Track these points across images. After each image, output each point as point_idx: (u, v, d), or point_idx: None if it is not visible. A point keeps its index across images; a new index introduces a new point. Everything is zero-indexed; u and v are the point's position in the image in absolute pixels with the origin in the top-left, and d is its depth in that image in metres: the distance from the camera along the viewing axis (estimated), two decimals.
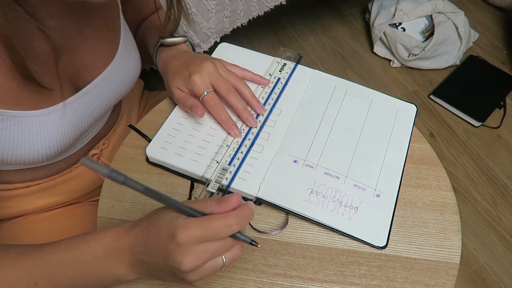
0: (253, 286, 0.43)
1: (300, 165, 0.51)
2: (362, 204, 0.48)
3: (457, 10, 1.46)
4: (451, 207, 0.50)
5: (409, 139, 0.55)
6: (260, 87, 0.58)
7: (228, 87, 0.52)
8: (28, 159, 0.47)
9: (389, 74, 1.49)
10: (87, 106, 0.52)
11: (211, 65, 0.51)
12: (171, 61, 0.55)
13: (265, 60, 0.61)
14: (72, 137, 0.51)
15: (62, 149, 0.50)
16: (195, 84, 0.50)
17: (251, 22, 1.20)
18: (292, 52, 0.62)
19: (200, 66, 0.51)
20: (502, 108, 1.38)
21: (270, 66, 0.60)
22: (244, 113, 0.53)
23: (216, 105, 0.51)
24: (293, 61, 0.61)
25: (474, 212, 1.17)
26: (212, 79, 0.51)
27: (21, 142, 0.45)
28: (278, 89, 0.58)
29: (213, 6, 1.06)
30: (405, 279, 0.44)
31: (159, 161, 0.51)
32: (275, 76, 0.59)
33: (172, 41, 0.58)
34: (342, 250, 0.46)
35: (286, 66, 0.60)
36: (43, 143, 0.47)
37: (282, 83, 0.58)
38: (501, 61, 1.53)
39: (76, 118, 0.50)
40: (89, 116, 0.53)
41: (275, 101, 0.56)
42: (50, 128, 0.47)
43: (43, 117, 0.46)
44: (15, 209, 0.59)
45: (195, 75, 0.50)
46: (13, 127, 0.44)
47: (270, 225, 0.48)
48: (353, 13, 1.69)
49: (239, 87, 0.53)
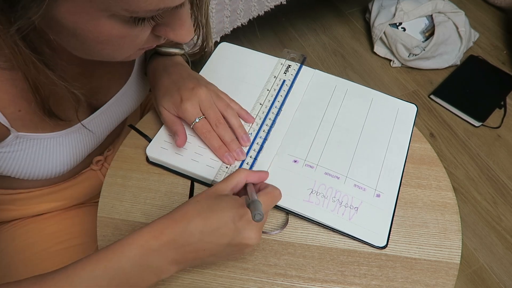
0: (253, 286, 0.43)
1: (300, 165, 0.50)
2: (362, 204, 0.48)
3: (457, 10, 1.45)
4: (451, 207, 0.50)
5: (409, 139, 0.55)
6: (266, 89, 0.57)
7: (217, 117, 0.50)
8: (42, 175, 0.49)
9: (389, 74, 1.49)
10: (100, 125, 0.53)
11: (203, 92, 0.50)
12: (162, 76, 0.53)
13: (269, 61, 0.60)
14: (85, 153, 0.52)
15: (73, 165, 0.52)
16: (186, 111, 0.49)
17: (251, 22, 1.20)
18: (296, 54, 0.61)
19: (192, 92, 0.50)
20: (502, 108, 1.38)
21: (275, 68, 0.60)
22: (232, 145, 0.50)
23: (209, 132, 0.50)
24: (297, 62, 0.61)
25: (474, 212, 1.17)
26: (203, 107, 0.50)
27: (37, 162, 0.47)
28: (284, 91, 0.57)
29: (213, 6, 1.06)
30: (405, 279, 0.44)
31: (159, 161, 0.51)
32: (280, 79, 0.58)
33: (168, 51, 0.56)
34: (342, 250, 0.46)
35: (291, 68, 0.59)
36: (59, 161, 0.48)
37: (288, 85, 0.58)
38: (501, 61, 1.53)
39: (90, 136, 0.52)
40: (102, 133, 0.55)
41: (281, 103, 0.56)
42: (66, 148, 0.48)
43: (60, 138, 0.47)
44: (17, 212, 0.59)
45: (186, 102, 0.49)
46: (31, 148, 0.45)
47: (270, 225, 0.48)
48: (353, 13, 1.69)
49: (227, 115, 0.51)
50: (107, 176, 0.51)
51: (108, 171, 0.51)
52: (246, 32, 1.49)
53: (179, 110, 0.50)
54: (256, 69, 0.58)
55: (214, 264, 0.44)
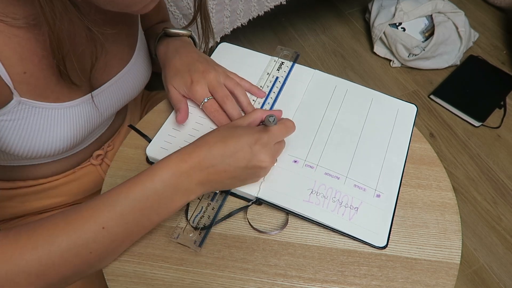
0: (253, 286, 0.43)
1: (300, 165, 0.51)
2: (362, 204, 0.48)
3: (457, 10, 1.46)
4: (451, 207, 0.50)
5: (409, 139, 0.55)
6: (259, 86, 0.58)
7: (225, 94, 0.52)
8: (41, 152, 0.48)
9: (389, 74, 1.49)
10: (103, 102, 0.54)
11: (212, 75, 0.53)
12: (173, 57, 0.56)
13: (263, 59, 0.61)
14: (84, 133, 0.52)
15: (73, 144, 0.52)
16: (196, 92, 0.52)
17: (251, 22, 1.20)
18: (289, 51, 0.62)
19: (202, 75, 0.52)
20: (502, 108, 1.38)
21: (268, 65, 0.60)
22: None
23: (217, 111, 0.52)
24: (290, 60, 0.61)
25: (474, 212, 1.17)
26: (211, 88, 0.52)
27: (37, 134, 0.46)
28: (276, 88, 0.58)
29: (213, 6, 1.06)
30: (405, 279, 0.44)
31: None
32: (273, 75, 0.59)
33: (176, 32, 0.59)
34: (342, 250, 0.46)
35: (284, 65, 0.60)
36: (58, 136, 0.48)
37: (281, 82, 0.58)
38: (501, 61, 1.53)
39: (93, 113, 0.52)
40: (105, 111, 0.55)
41: (274, 100, 0.56)
42: (66, 122, 0.49)
43: (62, 110, 0.48)
44: (18, 209, 0.59)
45: (196, 84, 0.52)
46: (33, 118, 0.45)
47: (270, 225, 0.48)
48: (353, 13, 1.69)
49: (236, 93, 0.53)
50: (107, 176, 0.51)
51: (108, 171, 0.51)
52: (246, 32, 1.49)
53: (189, 91, 0.52)
54: (251, 67, 0.59)
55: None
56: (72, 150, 0.57)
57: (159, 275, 0.44)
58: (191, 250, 0.45)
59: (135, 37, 0.57)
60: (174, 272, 0.44)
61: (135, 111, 0.72)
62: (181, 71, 0.53)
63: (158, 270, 0.44)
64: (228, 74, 0.55)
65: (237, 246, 0.46)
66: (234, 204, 0.49)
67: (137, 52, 0.57)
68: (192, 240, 0.45)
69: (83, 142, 0.58)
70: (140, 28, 0.59)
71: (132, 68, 0.57)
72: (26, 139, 0.46)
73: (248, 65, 0.60)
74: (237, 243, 0.46)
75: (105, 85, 0.53)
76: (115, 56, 0.54)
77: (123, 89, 0.56)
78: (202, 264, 0.44)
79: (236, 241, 0.46)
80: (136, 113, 0.72)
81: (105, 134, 0.62)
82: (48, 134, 0.47)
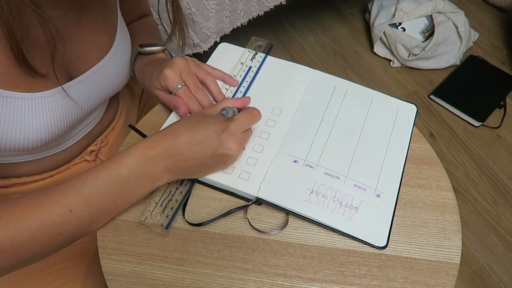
0: (253, 286, 0.43)
1: (300, 165, 0.50)
2: (362, 204, 0.48)
3: (457, 10, 1.46)
4: (451, 207, 0.50)
5: (409, 139, 0.55)
6: (233, 74, 0.59)
7: (195, 83, 0.53)
8: (19, 144, 0.47)
9: (389, 74, 1.49)
10: (79, 96, 0.53)
11: (182, 61, 0.53)
12: (146, 67, 0.57)
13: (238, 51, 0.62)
14: (63, 126, 0.51)
15: (52, 137, 0.50)
16: (167, 78, 0.51)
17: (251, 22, 1.20)
18: (263, 41, 0.63)
19: (172, 61, 0.52)
20: (502, 108, 1.38)
21: (242, 55, 0.61)
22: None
23: (190, 98, 0.52)
24: (263, 52, 0.62)
25: (474, 212, 1.17)
26: (183, 75, 0.53)
27: (12, 125, 0.46)
28: (249, 77, 0.59)
29: (213, 6, 1.06)
30: (405, 279, 0.44)
31: None
32: (247, 65, 0.60)
33: (150, 50, 0.59)
34: (342, 250, 0.46)
35: (257, 55, 0.61)
36: (34, 127, 0.48)
37: (254, 71, 0.59)
38: (501, 61, 1.53)
39: (67, 106, 0.51)
40: (81, 107, 0.54)
41: (246, 88, 0.57)
42: (41, 113, 0.48)
43: (36, 101, 0.47)
44: None
45: (166, 69, 0.52)
46: (5, 108, 0.44)
47: (270, 225, 0.48)
48: (353, 13, 1.69)
49: (207, 82, 0.54)
50: None
51: None
52: (246, 32, 1.49)
53: (161, 79, 0.52)
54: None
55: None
56: (58, 145, 0.56)
57: (158, 275, 0.44)
58: (159, 232, 0.46)
59: (114, 26, 0.56)
60: (174, 272, 0.44)
61: (132, 109, 0.72)
62: (153, 71, 0.54)
63: (157, 270, 0.44)
64: (198, 64, 0.55)
65: (237, 246, 0.46)
66: (234, 204, 0.49)
67: (118, 41, 0.56)
68: (159, 222, 0.45)
69: (70, 136, 0.57)
70: (120, 18, 0.58)
71: (112, 59, 0.56)
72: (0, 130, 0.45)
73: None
74: (237, 243, 0.46)
75: (82, 75, 0.52)
76: (92, 46, 0.53)
77: (103, 80, 0.55)
78: (202, 264, 0.44)
79: (236, 241, 0.46)
80: (133, 111, 0.72)
81: (95, 129, 0.61)
82: (23, 125, 0.46)
